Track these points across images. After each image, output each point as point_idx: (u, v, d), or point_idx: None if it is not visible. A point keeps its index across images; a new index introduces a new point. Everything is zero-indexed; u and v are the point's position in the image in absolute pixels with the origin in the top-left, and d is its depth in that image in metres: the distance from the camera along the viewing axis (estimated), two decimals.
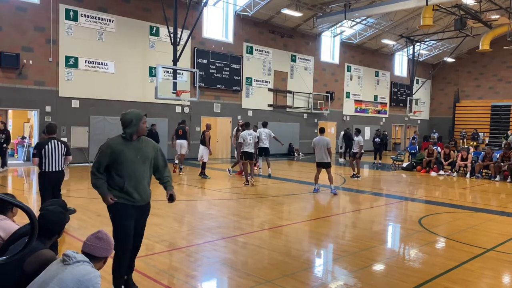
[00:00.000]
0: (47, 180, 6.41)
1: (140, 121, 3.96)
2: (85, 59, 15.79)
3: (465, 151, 16.00)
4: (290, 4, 19.89)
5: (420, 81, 31.24)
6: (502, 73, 31.10)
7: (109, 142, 3.97)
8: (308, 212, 8.79)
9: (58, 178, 6.52)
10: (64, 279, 2.56)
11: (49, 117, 15.09)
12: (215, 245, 6.00)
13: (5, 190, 10.48)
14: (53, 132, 6.55)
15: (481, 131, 30.36)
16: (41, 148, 6.32)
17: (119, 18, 16.60)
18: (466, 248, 6.13)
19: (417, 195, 11.41)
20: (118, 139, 3.98)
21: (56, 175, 6.43)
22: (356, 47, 27.08)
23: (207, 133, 13.10)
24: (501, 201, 11.12)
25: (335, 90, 25.78)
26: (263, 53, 21.82)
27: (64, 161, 6.54)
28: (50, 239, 3.09)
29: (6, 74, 14.16)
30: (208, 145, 13.03)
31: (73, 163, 15.42)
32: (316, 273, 5.15)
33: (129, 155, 3.91)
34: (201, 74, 18.25)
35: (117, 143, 3.93)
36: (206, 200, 10.02)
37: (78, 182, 12.27)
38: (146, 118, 4.11)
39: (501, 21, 22.24)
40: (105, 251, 2.83)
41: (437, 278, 4.84)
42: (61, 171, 6.49)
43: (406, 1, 18.08)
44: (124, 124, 3.96)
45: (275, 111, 22.64)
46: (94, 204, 8.63)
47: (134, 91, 17.17)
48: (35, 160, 6.37)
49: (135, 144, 3.99)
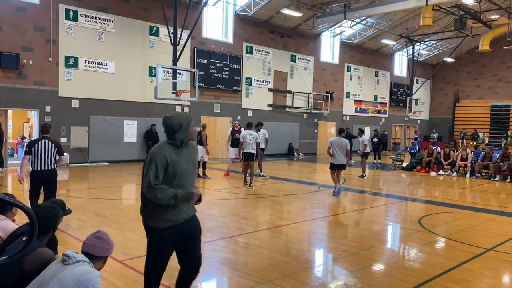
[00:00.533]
0: (36, 178, 6.49)
1: (190, 124, 3.48)
2: (85, 59, 15.78)
3: (465, 151, 16.01)
4: (290, 4, 19.89)
5: (420, 81, 31.25)
6: (502, 73, 31.11)
7: (162, 151, 3.37)
8: (308, 212, 8.78)
9: (47, 177, 6.54)
10: (64, 279, 2.56)
11: (49, 117, 15.08)
12: (215, 245, 6.00)
13: (5, 190, 10.48)
14: (47, 132, 6.61)
15: (481, 131, 30.37)
16: (31, 146, 6.42)
17: (119, 18, 16.60)
18: (466, 248, 6.13)
19: (417, 195, 11.41)
20: (168, 147, 3.41)
21: (45, 174, 6.48)
22: (356, 47, 27.08)
23: (204, 133, 13.15)
24: (501, 201, 11.12)
25: (335, 90, 25.78)
26: (263, 53, 21.83)
27: (58, 161, 6.56)
28: (46, 235, 3.11)
29: (6, 74, 14.15)
30: (205, 145, 13.06)
31: (73, 163, 15.44)
32: (316, 273, 5.15)
33: (182, 165, 3.42)
34: (201, 74, 18.24)
35: (170, 153, 3.37)
36: (206, 200, 10.01)
37: (78, 182, 12.27)
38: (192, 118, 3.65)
39: (500, 21, 22.25)
40: (104, 250, 2.83)
41: (437, 278, 4.84)
42: (50, 170, 6.51)
43: (406, 1, 18.09)
44: (171, 129, 3.41)
45: (275, 111, 22.63)
46: (94, 204, 8.64)
47: (134, 91, 17.17)
48: (25, 157, 6.47)
49: (185, 151, 3.50)
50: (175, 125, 3.41)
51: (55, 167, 6.62)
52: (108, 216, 7.60)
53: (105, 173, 13.68)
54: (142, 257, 5.32)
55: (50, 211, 3.16)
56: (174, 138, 3.42)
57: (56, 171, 6.69)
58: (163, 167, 3.32)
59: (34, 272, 2.71)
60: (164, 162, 3.32)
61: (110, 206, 8.57)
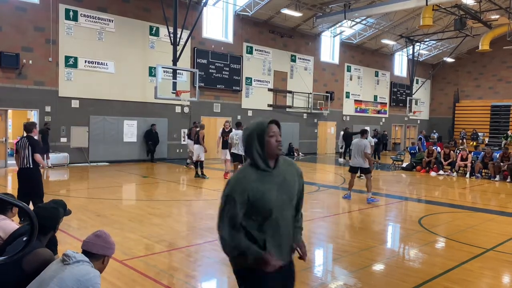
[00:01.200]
0: (18, 177, 6.70)
1: (264, 133, 2.49)
2: (85, 59, 15.78)
3: (465, 151, 16.02)
4: (290, 4, 19.88)
5: (420, 81, 31.25)
6: (502, 73, 31.11)
7: (241, 181, 2.46)
8: (308, 212, 8.78)
9: (25, 175, 6.58)
10: (64, 279, 2.56)
11: (49, 117, 15.09)
12: (215, 245, 6.00)
13: (5, 190, 10.48)
14: (28, 130, 6.66)
15: (481, 131, 30.36)
16: (16, 144, 6.67)
17: (119, 18, 16.59)
18: (466, 248, 6.13)
19: (417, 195, 11.41)
20: (249, 173, 2.49)
21: (23, 172, 6.59)
22: (356, 47, 27.08)
23: (201, 132, 13.16)
24: (501, 201, 11.12)
25: (335, 90, 25.78)
26: (263, 53, 21.82)
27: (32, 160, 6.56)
28: (46, 236, 3.11)
29: (6, 74, 14.15)
30: (202, 144, 13.08)
31: (73, 163, 15.44)
32: (316, 273, 5.15)
33: (272, 195, 2.46)
34: (201, 74, 18.24)
35: (252, 179, 2.45)
36: (206, 200, 10.02)
37: (78, 182, 12.28)
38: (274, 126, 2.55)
39: (501, 21, 22.25)
40: (102, 248, 2.80)
41: (437, 278, 4.84)
42: (27, 169, 6.54)
43: (406, 1, 18.08)
44: (247, 146, 2.53)
45: (275, 111, 22.63)
46: (94, 204, 8.64)
47: (134, 91, 17.17)
48: (15, 156, 6.73)
49: (275, 173, 2.53)
50: (247, 139, 2.52)
51: (33, 166, 6.55)
52: (108, 216, 7.59)
53: (105, 173, 13.68)
54: (142, 257, 5.33)
55: (50, 212, 3.16)
56: (253, 156, 2.50)
57: (34, 170, 6.59)
58: (243, 204, 2.40)
59: (34, 272, 2.71)
60: (245, 198, 2.40)
61: (110, 206, 8.57)
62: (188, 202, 9.68)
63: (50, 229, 3.15)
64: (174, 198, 9.97)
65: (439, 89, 34.39)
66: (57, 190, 10.74)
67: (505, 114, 30.49)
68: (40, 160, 6.61)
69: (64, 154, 15.32)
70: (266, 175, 2.49)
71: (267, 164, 2.49)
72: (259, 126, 2.50)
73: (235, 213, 2.40)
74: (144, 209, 8.36)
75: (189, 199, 10.04)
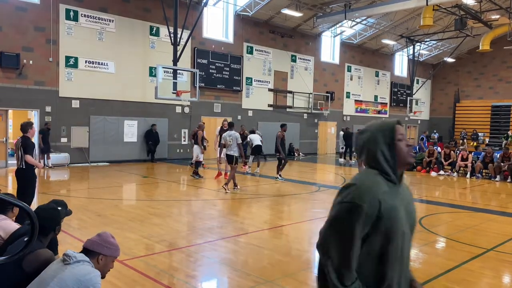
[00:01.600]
0: (15, 176, 6.70)
1: (393, 136, 1.90)
2: (85, 59, 15.79)
3: (465, 151, 16.01)
4: (290, 4, 19.88)
5: (420, 81, 31.24)
6: (502, 73, 31.09)
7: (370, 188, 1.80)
8: (308, 212, 8.78)
9: (18, 175, 6.59)
10: (64, 279, 2.56)
11: (49, 117, 15.10)
12: (215, 245, 6.00)
13: (6, 190, 10.48)
14: (24, 131, 6.63)
15: (481, 131, 30.35)
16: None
17: (119, 18, 16.60)
18: (466, 248, 6.12)
19: (417, 195, 11.40)
20: (379, 181, 1.85)
21: (17, 172, 6.61)
22: (356, 47, 27.07)
23: (200, 132, 13.15)
24: (501, 201, 11.12)
25: (335, 90, 25.77)
26: (263, 53, 21.82)
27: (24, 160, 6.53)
28: (46, 236, 3.11)
29: (6, 74, 14.16)
30: (200, 144, 13.08)
31: (73, 163, 15.44)
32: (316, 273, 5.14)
33: (402, 215, 1.84)
34: (201, 74, 18.24)
35: (383, 190, 1.81)
36: (206, 200, 10.02)
37: (78, 182, 12.28)
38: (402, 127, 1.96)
39: (501, 21, 22.24)
40: (98, 245, 2.78)
41: (437, 278, 4.84)
42: (20, 169, 6.54)
43: (406, 1, 18.08)
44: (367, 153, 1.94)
45: (275, 111, 22.63)
46: (94, 204, 8.64)
47: (134, 91, 17.17)
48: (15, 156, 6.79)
49: (401, 191, 1.91)
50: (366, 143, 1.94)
51: (26, 166, 6.50)
52: (108, 216, 7.60)
53: (106, 173, 13.69)
54: (142, 257, 5.33)
55: (50, 213, 3.15)
56: (380, 164, 1.88)
57: (26, 171, 6.52)
58: (370, 221, 1.76)
59: (34, 272, 2.71)
60: (374, 211, 1.76)
61: (110, 206, 8.57)
62: (188, 202, 9.69)
63: (50, 230, 3.15)
64: (174, 198, 9.98)
65: (440, 89, 34.38)
66: (57, 190, 10.76)
67: (506, 114, 30.47)
68: (32, 161, 6.47)
69: (65, 154, 15.33)
70: (394, 190, 1.86)
71: (397, 175, 1.89)
72: (386, 127, 1.92)
73: (356, 230, 1.75)
74: (144, 209, 8.36)
75: (190, 199, 10.04)
